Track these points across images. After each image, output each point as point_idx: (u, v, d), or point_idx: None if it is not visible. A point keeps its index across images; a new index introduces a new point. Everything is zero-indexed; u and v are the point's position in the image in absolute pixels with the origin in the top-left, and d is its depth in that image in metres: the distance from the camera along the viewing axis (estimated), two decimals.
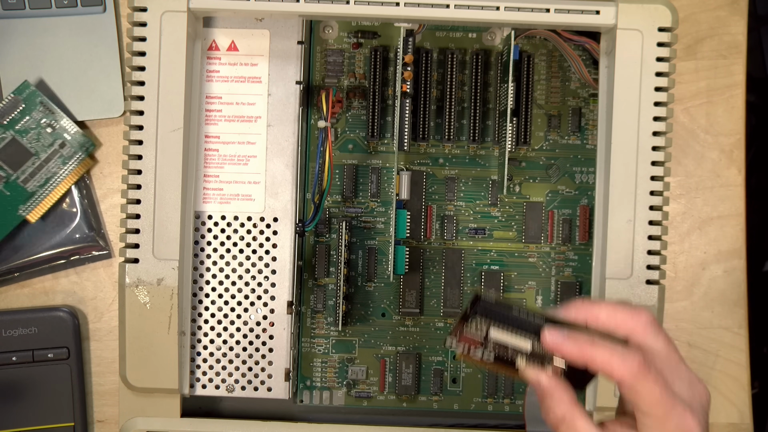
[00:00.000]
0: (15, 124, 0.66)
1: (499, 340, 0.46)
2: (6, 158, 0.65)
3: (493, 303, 0.46)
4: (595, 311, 0.46)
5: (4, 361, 0.66)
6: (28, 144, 0.65)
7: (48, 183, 0.66)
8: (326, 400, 0.66)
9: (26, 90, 0.66)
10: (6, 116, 0.65)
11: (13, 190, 0.66)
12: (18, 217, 0.66)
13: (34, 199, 0.66)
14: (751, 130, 0.85)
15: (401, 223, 0.63)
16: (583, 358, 0.44)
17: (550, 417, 0.46)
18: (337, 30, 0.66)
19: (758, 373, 0.85)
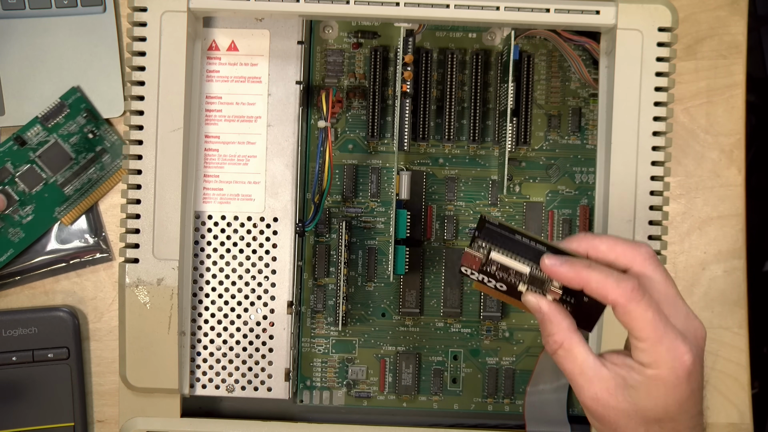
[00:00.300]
0: (58, 128, 0.67)
1: (500, 262, 0.46)
2: (47, 161, 0.66)
3: (497, 226, 0.46)
4: (596, 243, 0.46)
5: (4, 361, 0.66)
6: (69, 148, 0.66)
7: (84, 188, 0.67)
8: (326, 400, 0.66)
9: (73, 96, 0.67)
10: (51, 120, 0.66)
11: (51, 192, 0.67)
12: (53, 219, 0.67)
13: (70, 202, 0.67)
14: (751, 130, 0.85)
15: (401, 223, 0.63)
16: (579, 281, 0.45)
17: (549, 343, 0.47)
18: (337, 30, 0.66)
19: (758, 373, 0.85)
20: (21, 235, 0.66)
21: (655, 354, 0.44)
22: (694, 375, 0.45)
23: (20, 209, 0.66)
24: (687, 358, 0.44)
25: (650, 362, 0.45)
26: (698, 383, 0.46)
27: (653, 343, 0.44)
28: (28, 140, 0.66)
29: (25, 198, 0.66)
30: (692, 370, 0.44)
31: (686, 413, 0.46)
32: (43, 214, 0.67)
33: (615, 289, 0.44)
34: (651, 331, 0.44)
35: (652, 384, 0.45)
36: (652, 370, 0.45)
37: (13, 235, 0.66)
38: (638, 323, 0.44)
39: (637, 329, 0.44)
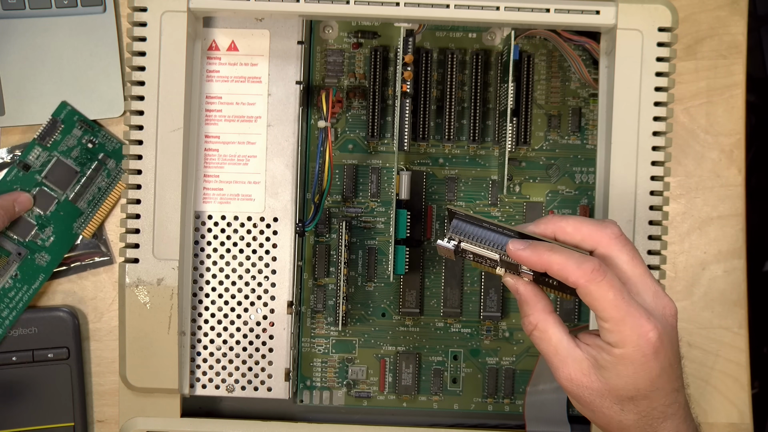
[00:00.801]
0: (57, 146, 0.67)
1: (472, 252, 0.48)
2: (54, 180, 0.67)
3: (464, 217, 0.48)
4: (562, 224, 0.47)
5: (4, 361, 0.66)
6: (72, 162, 0.67)
7: (96, 197, 0.67)
8: (326, 400, 0.66)
9: (64, 110, 0.67)
10: (48, 138, 0.66)
11: (65, 209, 0.67)
12: (74, 235, 0.67)
13: (86, 215, 0.67)
14: (751, 130, 0.85)
15: (401, 223, 0.63)
16: (542, 264, 0.46)
17: (525, 324, 0.48)
18: (337, 30, 0.66)
19: (758, 373, 0.85)
20: (47, 258, 0.67)
21: (620, 333, 0.45)
22: (663, 352, 0.45)
23: (41, 233, 0.66)
24: (652, 335, 0.45)
25: (616, 342, 0.45)
26: (669, 360, 0.46)
27: (616, 323, 0.45)
28: (31, 164, 0.66)
29: (43, 221, 0.66)
30: (659, 347, 0.45)
31: (660, 390, 0.46)
32: (63, 232, 0.67)
33: (575, 271, 0.45)
34: (614, 311, 0.45)
35: (620, 363, 0.45)
36: (619, 349, 0.45)
37: (40, 260, 0.66)
38: (600, 303, 0.45)
39: (600, 309, 0.45)
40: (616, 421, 0.48)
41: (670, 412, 0.47)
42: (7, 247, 0.66)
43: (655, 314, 0.46)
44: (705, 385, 0.67)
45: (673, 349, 0.47)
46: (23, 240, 0.66)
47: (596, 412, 0.48)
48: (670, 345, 0.46)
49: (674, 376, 0.47)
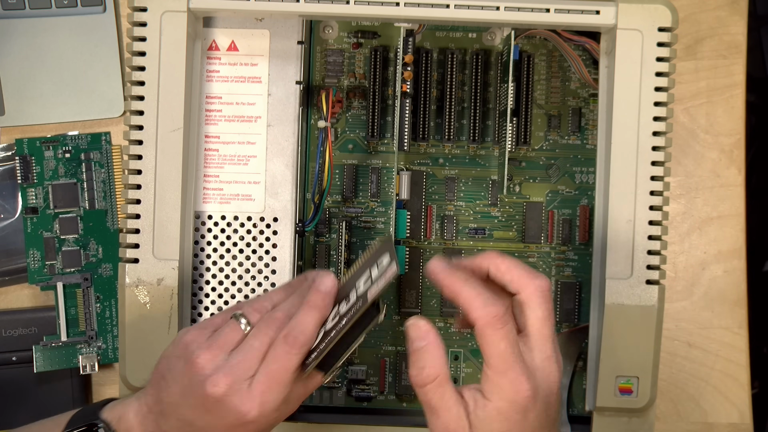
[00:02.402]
0: (43, 175, 0.67)
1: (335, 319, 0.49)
2: (64, 203, 0.67)
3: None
4: (497, 261, 0.48)
5: (4, 361, 0.66)
6: (66, 179, 0.67)
7: (108, 190, 0.68)
8: (326, 400, 0.66)
9: (23, 144, 0.67)
10: (30, 176, 0.67)
11: (91, 219, 0.67)
12: (114, 232, 0.68)
13: (110, 209, 0.68)
14: (751, 130, 0.85)
15: (401, 223, 0.63)
16: (451, 290, 0.46)
17: (421, 375, 0.46)
18: (337, 30, 0.66)
19: (758, 373, 0.85)
20: (110, 266, 0.68)
21: (498, 385, 0.45)
22: (534, 413, 0.45)
23: (89, 252, 0.67)
24: (527, 394, 0.45)
25: (490, 391, 0.46)
26: (538, 422, 0.46)
27: (498, 373, 0.45)
28: (36, 205, 0.66)
29: (82, 242, 0.67)
30: (530, 407, 0.45)
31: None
32: (103, 236, 0.68)
33: (478, 310, 0.45)
34: (499, 362, 0.45)
35: (494, 419, 0.45)
36: (492, 402, 0.45)
37: (105, 272, 0.67)
38: (490, 349, 0.45)
39: (488, 355, 0.45)
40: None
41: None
42: (72, 281, 0.67)
43: (536, 375, 0.46)
44: (705, 385, 0.67)
45: (547, 412, 0.46)
46: (80, 267, 0.67)
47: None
48: (544, 408, 0.46)
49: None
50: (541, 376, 0.46)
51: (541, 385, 0.46)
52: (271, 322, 0.49)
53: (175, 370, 0.49)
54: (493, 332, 0.45)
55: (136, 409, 0.50)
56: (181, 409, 0.48)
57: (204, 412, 0.48)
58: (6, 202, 0.67)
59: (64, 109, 0.68)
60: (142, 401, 0.50)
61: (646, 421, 0.60)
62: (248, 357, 0.48)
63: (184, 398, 0.48)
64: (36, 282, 0.67)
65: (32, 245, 0.66)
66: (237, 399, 0.47)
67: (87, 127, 0.68)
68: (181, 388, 0.48)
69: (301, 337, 0.48)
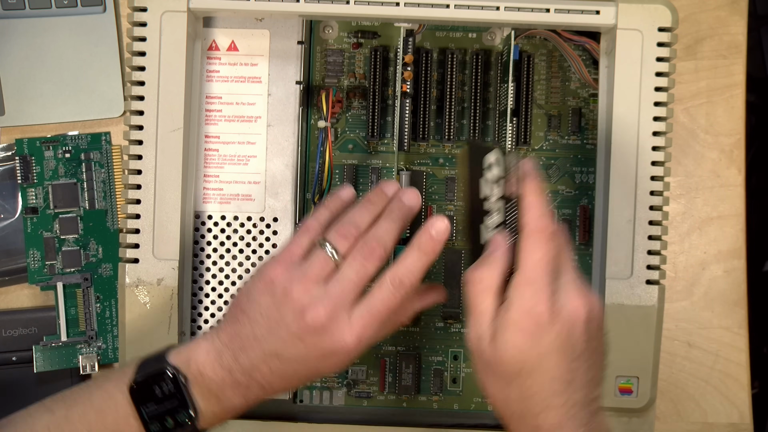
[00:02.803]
0: (43, 175, 0.67)
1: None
2: (64, 203, 0.67)
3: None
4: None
5: (4, 361, 0.66)
6: (66, 179, 0.67)
7: (108, 189, 0.67)
8: (326, 400, 0.66)
9: (23, 144, 0.67)
10: (30, 175, 0.67)
11: (91, 219, 0.67)
12: (114, 232, 0.68)
13: (109, 209, 0.67)
14: (751, 130, 0.85)
15: None
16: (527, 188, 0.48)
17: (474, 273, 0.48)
18: (337, 30, 0.66)
19: (758, 373, 0.85)
20: (110, 266, 0.67)
21: (519, 293, 0.46)
22: (553, 333, 0.46)
23: (89, 252, 0.67)
24: (542, 309, 0.46)
25: (513, 298, 0.46)
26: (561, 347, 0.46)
27: (522, 281, 0.46)
28: (36, 205, 0.66)
29: (82, 241, 0.67)
30: (545, 326, 0.46)
31: (545, 372, 0.46)
32: (103, 236, 0.67)
33: (532, 217, 0.47)
34: (528, 269, 0.46)
35: (510, 329, 0.46)
36: (511, 312, 0.46)
37: (105, 271, 0.67)
38: (525, 256, 0.47)
39: (522, 261, 0.47)
40: (502, 399, 0.48)
41: (556, 403, 0.46)
42: (72, 281, 0.66)
43: (559, 302, 0.46)
44: (705, 385, 0.67)
45: (569, 341, 0.46)
46: (80, 267, 0.67)
47: (486, 386, 0.49)
48: (567, 336, 0.46)
49: (566, 368, 0.46)
50: (565, 308, 0.46)
51: (562, 314, 0.46)
52: (368, 254, 0.49)
53: (262, 304, 0.49)
54: (534, 241, 0.47)
55: (206, 348, 0.50)
56: (267, 342, 0.48)
57: (297, 342, 0.48)
58: (6, 202, 0.67)
59: (64, 109, 0.68)
60: (213, 340, 0.50)
61: (646, 421, 0.60)
62: (347, 288, 0.49)
63: (272, 331, 0.48)
64: (36, 282, 0.67)
65: (32, 245, 0.66)
66: (336, 329, 0.48)
67: (87, 127, 0.68)
68: (269, 321, 0.49)
69: (407, 281, 0.49)
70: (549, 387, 0.46)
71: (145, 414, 0.49)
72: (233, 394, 0.49)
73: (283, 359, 0.49)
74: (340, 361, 0.49)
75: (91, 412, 0.49)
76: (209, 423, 0.50)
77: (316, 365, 0.49)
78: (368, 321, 0.48)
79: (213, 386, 0.49)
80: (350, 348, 0.48)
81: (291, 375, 0.49)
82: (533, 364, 0.46)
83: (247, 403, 0.50)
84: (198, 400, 0.49)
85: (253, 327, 0.49)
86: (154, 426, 0.49)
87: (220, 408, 0.50)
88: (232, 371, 0.49)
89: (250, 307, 0.50)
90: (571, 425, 0.47)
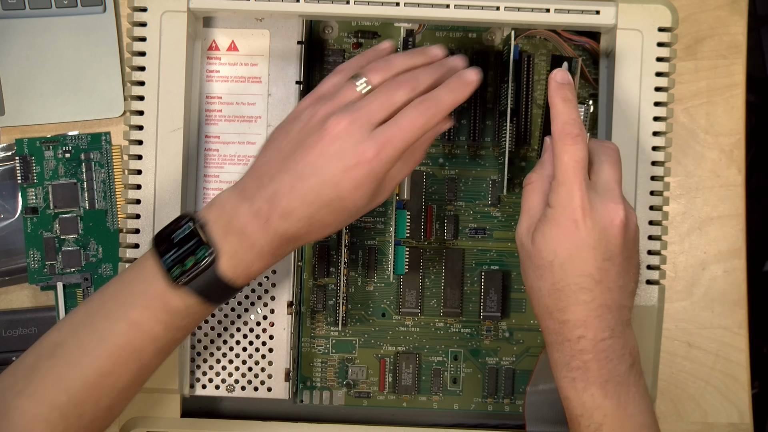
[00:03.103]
0: (43, 175, 0.67)
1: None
2: (64, 203, 0.67)
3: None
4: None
5: (4, 361, 0.66)
6: (66, 179, 0.67)
7: (108, 189, 0.67)
8: (326, 400, 0.66)
9: (23, 144, 0.67)
10: (30, 175, 0.66)
11: (91, 219, 0.67)
12: (114, 233, 0.67)
13: (110, 209, 0.67)
14: (751, 130, 0.85)
15: (401, 223, 0.63)
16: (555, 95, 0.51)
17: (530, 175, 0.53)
18: (337, 30, 0.66)
19: (758, 373, 0.85)
20: (109, 266, 0.67)
21: (556, 192, 0.50)
22: (585, 230, 0.49)
23: (89, 252, 0.67)
24: (578, 206, 0.49)
25: (551, 199, 0.50)
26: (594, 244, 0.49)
27: (557, 183, 0.50)
28: (36, 205, 0.66)
29: (82, 241, 0.67)
30: (580, 221, 0.49)
31: (576, 265, 0.49)
32: (104, 236, 0.67)
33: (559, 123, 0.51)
34: (560, 172, 0.50)
35: (547, 223, 0.50)
36: (550, 209, 0.50)
37: (105, 272, 0.67)
38: (557, 161, 0.50)
39: (555, 167, 0.51)
40: (536, 288, 0.51)
41: (583, 299, 0.49)
42: (72, 281, 0.66)
43: (596, 203, 0.49)
44: (705, 385, 0.67)
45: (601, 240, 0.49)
46: (80, 267, 0.67)
47: (525, 268, 0.52)
48: (600, 235, 0.49)
49: (596, 266, 0.49)
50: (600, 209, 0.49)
51: (596, 214, 0.49)
52: (401, 83, 0.49)
53: (288, 130, 0.50)
54: (562, 145, 0.50)
55: (229, 189, 0.50)
56: (290, 160, 0.48)
57: (318, 154, 0.48)
58: (6, 202, 0.67)
59: (64, 109, 0.68)
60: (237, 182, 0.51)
61: None
62: (373, 106, 0.48)
63: (295, 149, 0.48)
64: (36, 282, 0.67)
65: (32, 245, 0.66)
66: (357, 138, 0.47)
67: (87, 127, 0.68)
68: (293, 142, 0.49)
69: (435, 109, 0.49)
70: (578, 281, 0.49)
71: (166, 261, 0.49)
72: (256, 227, 0.48)
73: (305, 176, 0.48)
74: (361, 177, 0.47)
75: (122, 288, 0.50)
76: (234, 267, 0.49)
77: (338, 182, 0.47)
78: (390, 137, 0.47)
79: (234, 221, 0.49)
80: (370, 159, 0.47)
81: (313, 198, 0.48)
82: (565, 256, 0.49)
83: (271, 245, 0.49)
84: (218, 237, 0.48)
85: (278, 151, 0.49)
86: (176, 271, 0.48)
87: (242, 247, 0.48)
88: (254, 199, 0.48)
89: (276, 136, 0.50)
90: (597, 324, 0.49)
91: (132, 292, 0.50)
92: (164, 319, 0.49)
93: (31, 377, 0.49)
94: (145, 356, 0.50)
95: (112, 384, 0.49)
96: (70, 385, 0.48)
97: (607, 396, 0.49)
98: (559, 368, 0.51)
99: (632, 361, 0.50)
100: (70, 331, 0.50)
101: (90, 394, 0.49)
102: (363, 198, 0.48)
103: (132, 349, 0.49)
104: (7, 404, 0.48)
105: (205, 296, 0.49)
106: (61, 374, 0.48)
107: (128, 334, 0.49)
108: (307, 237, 0.50)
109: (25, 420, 0.47)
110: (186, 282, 0.48)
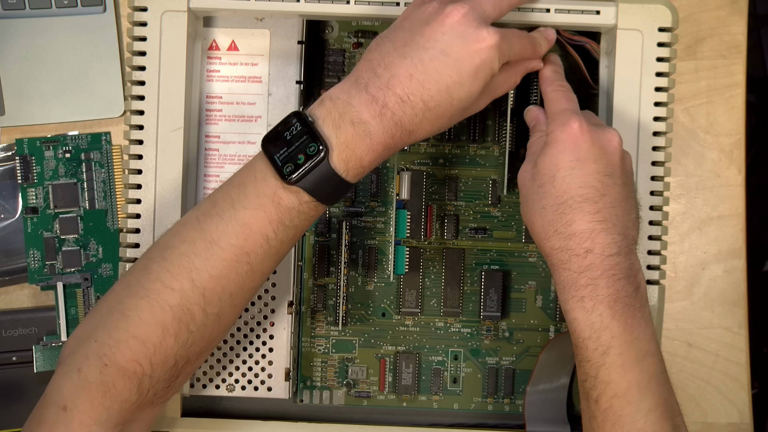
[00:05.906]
0: (43, 175, 0.67)
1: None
2: (64, 203, 0.67)
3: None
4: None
5: (4, 361, 0.66)
6: (66, 179, 0.67)
7: (107, 190, 0.67)
8: (326, 400, 0.66)
9: (23, 144, 0.67)
10: (30, 175, 0.66)
11: (91, 219, 0.67)
12: (114, 233, 0.67)
13: (110, 209, 0.67)
14: (751, 130, 0.85)
15: (401, 223, 0.63)
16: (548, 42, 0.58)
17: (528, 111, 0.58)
18: (337, 30, 0.66)
19: (758, 373, 0.85)
20: (110, 266, 0.67)
21: (552, 120, 0.53)
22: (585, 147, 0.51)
23: (89, 252, 0.67)
24: (575, 125, 0.51)
25: (550, 129, 0.53)
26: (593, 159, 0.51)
27: (551, 113, 0.54)
28: (36, 205, 0.66)
29: (82, 241, 0.67)
30: (579, 139, 0.51)
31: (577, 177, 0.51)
32: (104, 236, 0.67)
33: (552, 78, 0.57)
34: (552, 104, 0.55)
35: (548, 144, 0.52)
36: (549, 134, 0.53)
37: (105, 272, 0.67)
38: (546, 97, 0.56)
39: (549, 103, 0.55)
40: (539, 209, 0.52)
41: (588, 209, 0.50)
42: (72, 281, 0.66)
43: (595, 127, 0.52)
44: (705, 385, 0.67)
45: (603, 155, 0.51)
46: (80, 267, 0.67)
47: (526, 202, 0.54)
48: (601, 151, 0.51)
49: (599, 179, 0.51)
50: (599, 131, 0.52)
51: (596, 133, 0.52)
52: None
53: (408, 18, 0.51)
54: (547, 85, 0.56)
55: (342, 82, 0.50)
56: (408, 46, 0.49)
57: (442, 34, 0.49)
58: (6, 202, 0.67)
59: (64, 109, 0.68)
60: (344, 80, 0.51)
61: None
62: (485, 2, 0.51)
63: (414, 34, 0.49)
64: (36, 282, 0.67)
65: (32, 245, 0.66)
66: (477, 24, 0.49)
67: (87, 127, 0.68)
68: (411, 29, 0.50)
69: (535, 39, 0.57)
70: (581, 192, 0.50)
71: (278, 159, 0.48)
72: (371, 115, 0.48)
73: (426, 59, 0.48)
74: (481, 62, 0.49)
75: (232, 191, 0.50)
76: (347, 161, 0.49)
77: (460, 63, 0.48)
78: (505, 32, 0.50)
79: (347, 112, 0.48)
80: (491, 45, 0.49)
81: (432, 83, 0.48)
82: (567, 168, 0.51)
83: (385, 134, 0.49)
84: (329, 131, 0.48)
85: (392, 42, 0.49)
86: (288, 167, 0.48)
87: (356, 136, 0.48)
88: (369, 86, 0.48)
89: (388, 34, 0.51)
90: (603, 239, 0.50)
91: (244, 194, 0.49)
92: (276, 218, 0.49)
93: (142, 281, 0.49)
94: (254, 259, 0.49)
95: (223, 287, 0.49)
96: (181, 286, 0.48)
97: (615, 316, 0.49)
98: (566, 289, 0.50)
99: (638, 285, 0.50)
100: (179, 235, 0.50)
101: (201, 297, 0.48)
102: (475, 90, 0.50)
103: (242, 252, 0.49)
104: (124, 303, 0.48)
105: (318, 192, 0.49)
106: (171, 274, 0.48)
107: (239, 236, 0.48)
108: (419, 131, 0.49)
109: (143, 320, 0.48)
110: (299, 178, 0.48)
